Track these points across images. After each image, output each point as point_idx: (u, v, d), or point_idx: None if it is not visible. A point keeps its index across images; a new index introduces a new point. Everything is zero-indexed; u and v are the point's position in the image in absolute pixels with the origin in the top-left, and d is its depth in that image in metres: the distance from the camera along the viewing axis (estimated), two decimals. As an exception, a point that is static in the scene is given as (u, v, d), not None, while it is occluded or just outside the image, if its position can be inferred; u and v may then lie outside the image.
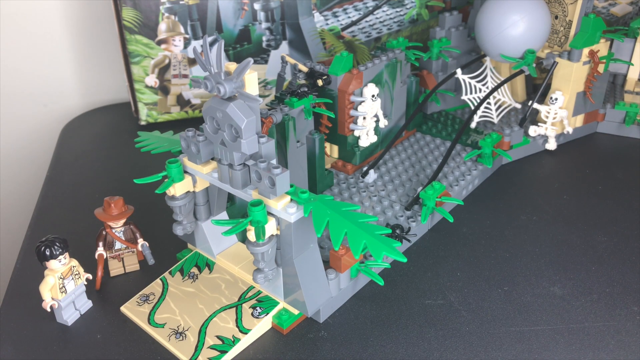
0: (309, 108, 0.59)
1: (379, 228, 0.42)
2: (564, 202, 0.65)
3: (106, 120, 0.90)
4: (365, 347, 0.47)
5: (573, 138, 0.77)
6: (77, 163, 0.78)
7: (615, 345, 0.47)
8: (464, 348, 0.47)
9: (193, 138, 0.48)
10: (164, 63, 0.79)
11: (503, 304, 0.51)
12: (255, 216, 0.43)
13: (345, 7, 0.84)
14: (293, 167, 0.59)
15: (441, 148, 0.73)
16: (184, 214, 0.52)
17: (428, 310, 0.51)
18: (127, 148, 0.77)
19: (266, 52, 0.83)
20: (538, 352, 0.47)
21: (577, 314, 0.50)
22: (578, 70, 0.72)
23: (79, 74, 0.93)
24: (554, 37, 0.76)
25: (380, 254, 0.40)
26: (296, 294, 0.48)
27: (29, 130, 0.94)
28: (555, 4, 0.74)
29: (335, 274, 0.50)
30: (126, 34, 0.76)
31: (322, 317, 0.50)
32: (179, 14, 0.77)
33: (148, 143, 0.57)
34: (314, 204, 0.43)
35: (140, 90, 0.80)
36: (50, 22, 0.88)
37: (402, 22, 0.88)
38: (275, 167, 0.43)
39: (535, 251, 0.58)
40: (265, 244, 0.45)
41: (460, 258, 0.57)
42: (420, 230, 0.60)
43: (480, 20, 0.71)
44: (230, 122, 0.42)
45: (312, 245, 0.48)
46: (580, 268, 0.55)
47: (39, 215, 0.66)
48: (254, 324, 0.48)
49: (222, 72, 0.42)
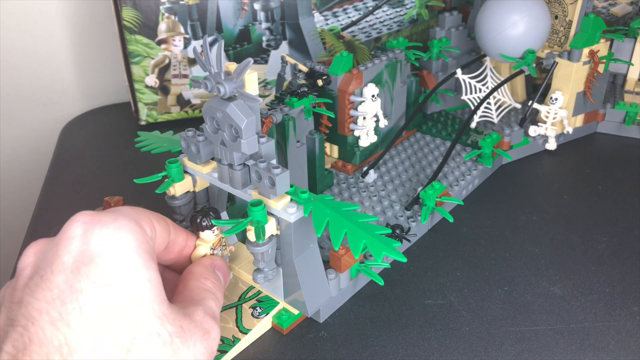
0: (309, 108, 0.59)
1: (379, 228, 0.42)
2: (564, 202, 0.65)
3: (106, 120, 0.90)
4: (365, 347, 0.47)
5: (573, 138, 0.77)
6: (77, 163, 0.78)
7: (615, 345, 0.47)
8: (464, 348, 0.47)
9: (193, 138, 0.48)
10: (164, 63, 0.79)
11: (503, 304, 0.51)
12: (255, 216, 0.43)
13: (345, 7, 0.84)
14: (293, 167, 0.59)
15: (441, 148, 0.73)
16: (184, 214, 0.52)
17: (428, 310, 0.51)
18: (127, 148, 0.77)
19: (266, 52, 0.83)
20: (538, 352, 0.47)
21: (577, 314, 0.50)
22: (578, 70, 0.72)
23: (79, 74, 0.93)
24: (554, 37, 0.76)
25: (380, 254, 0.40)
26: (296, 294, 0.48)
27: (29, 130, 0.94)
28: (555, 4, 0.74)
29: (335, 274, 0.50)
30: (126, 34, 0.76)
31: (322, 317, 0.50)
32: (179, 14, 0.77)
33: (148, 143, 0.57)
34: (314, 204, 0.43)
35: (140, 90, 0.80)
36: (50, 22, 0.88)
37: (402, 22, 0.88)
38: (275, 167, 0.43)
39: (535, 251, 0.58)
40: (265, 244, 0.45)
41: (460, 258, 0.57)
42: (420, 230, 0.60)
43: (480, 20, 0.71)
44: (230, 122, 0.42)
45: (312, 245, 0.48)
46: (580, 268, 0.55)
47: (39, 215, 0.66)
48: (254, 324, 0.48)
49: (222, 72, 0.41)
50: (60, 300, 0.34)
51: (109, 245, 0.36)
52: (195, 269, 0.45)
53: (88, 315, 0.34)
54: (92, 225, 0.36)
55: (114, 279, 0.35)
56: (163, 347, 0.35)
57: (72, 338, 0.33)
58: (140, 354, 0.34)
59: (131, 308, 0.35)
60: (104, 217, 0.37)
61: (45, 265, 0.35)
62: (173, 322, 0.36)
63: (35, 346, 0.32)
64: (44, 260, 0.36)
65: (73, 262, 0.35)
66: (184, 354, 0.36)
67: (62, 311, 0.33)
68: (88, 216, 0.37)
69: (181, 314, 0.38)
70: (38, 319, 0.33)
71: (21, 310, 0.34)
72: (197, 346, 0.37)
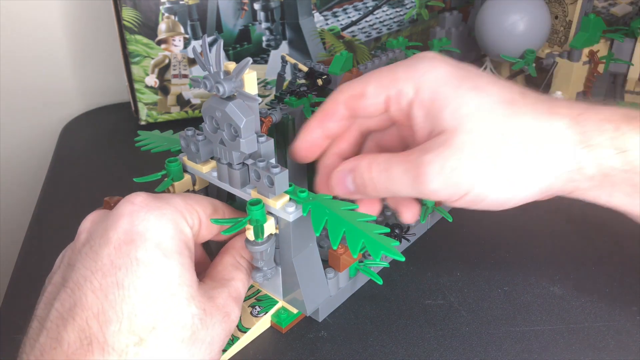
0: (309, 107, 0.59)
1: (377, 227, 0.42)
2: (564, 201, 0.65)
3: (106, 120, 0.90)
4: (364, 346, 0.47)
5: (573, 138, 0.77)
6: (77, 163, 0.78)
7: (615, 345, 0.47)
8: (464, 348, 0.47)
9: (192, 137, 0.48)
10: (164, 63, 0.79)
11: (503, 304, 0.51)
12: (254, 215, 0.43)
13: (345, 7, 0.84)
14: (292, 166, 0.59)
15: (441, 148, 0.73)
16: (183, 214, 0.52)
17: (428, 310, 0.51)
18: (127, 148, 0.77)
19: (266, 52, 0.83)
20: (538, 352, 0.47)
21: (577, 314, 0.50)
22: (578, 70, 0.71)
23: (79, 74, 0.93)
24: (554, 37, 0.76)
25: (378, 253, 0.40)
26: (295, 293, 0.48)
27: (29, 130, 0.94)
28: (555, 4, 0.74)
29: (334, 273, 0.50)
30: (126, 34, 0.76)
31: (321, 316, 0.50)
32: (179, 14, 0.77)
33: (148, 142, 0.57)
34: (312, 203, 0.43)
35: (140, 90, 0.80)
36: (50, 22, 0.89)
37: (402, 22, 0.88)
38: (274, 166, 0.43)
39: (535, 251, 0.57)
40: (264, 243, 0.45)
41: (460, 258, 0.57)
42: (420, 230, 0.60)
43: (481, 20, 0.71)
44: (230, 121, 0.42)
45: (311, 244, 0.48)
46: (580, 268, 0.55)
47: (39, 215, 0.67)
48: (252, 323, 0.48)
49: (221, 71, 0.41)
50: (102, 272, 0.37)
51: (150, 230, 0.39)
52: (237, 243, 0.47)
53: (123, 290, 0.37)
54: (140, 208, 0.40)
55: (149, 261, 0.38)
56: (183, 328, 0.38)
57: (107, 308, 0.36)
58: (164, 332, 0.37)
59: (161, 288, 0.38)
60: (153, 202, 0.41)
61: (96, 236, 0.39)
62: (198, 304, 0.39)
63: (78, 309, 0.36)
64: (96, 232, 0.40)
65: (117, 239, 0.38)
66: (202, 334, 0.39)
67: (103, 282, 0.37)
68: (140, 197, 0.41)
69: (206, 296, 0.41)
70: (83, 285, 0.37)
71: (72, 274, 0.38)
72: (215, 328, 0.40)
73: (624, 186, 0.39)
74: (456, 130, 0.39)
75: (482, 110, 0.39)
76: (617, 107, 0.41)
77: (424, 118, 0.42)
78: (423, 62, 0.43)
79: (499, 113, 0.39)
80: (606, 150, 0.38)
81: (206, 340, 0.39)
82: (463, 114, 0.39)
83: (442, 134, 0.40)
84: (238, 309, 0.43)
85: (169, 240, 0.40)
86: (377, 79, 0.44)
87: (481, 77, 0.42)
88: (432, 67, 0.42)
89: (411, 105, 0.42)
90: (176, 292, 0.38)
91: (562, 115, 0.39)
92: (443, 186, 0.39)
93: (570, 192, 0.41)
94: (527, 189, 0.40)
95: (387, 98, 0.43)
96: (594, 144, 0.38)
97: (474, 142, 0.39)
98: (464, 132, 0.39)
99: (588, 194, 0.41)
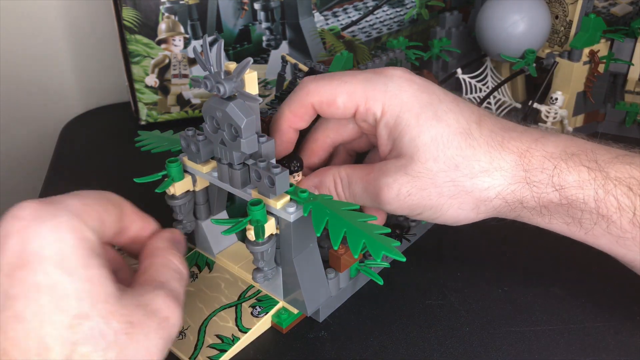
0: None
1: (378, 227, 0.42)
2: (564, 202, 0.65)
3: (106, 120, 0.90)
4: (365, 346, 0.47)
5: (573, 138, 0.77)
6: (77, 163, 0.78)
7: (615, 345, 0.47)
8: (464, 348, 0.47)
9: (193, 137, 0.48)
10: (164, 63, 0.79)
11: (503, 304, 0.51)
12: (255, 215, 0.43)
13: (345, 7, 0.84)
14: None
15: (441, 148, 0.73)
16: (184, 213, 0.52)
17: (428, 310, 0.51)
18: (127, 148, 0.77)
19: (266, 52, 0.83)
20: (538, 352, 0.47)
21: (577, 314, 0.50)
22: (578, 70, 0.72)
23: (78, 74, 0.93)
24: (554, 37, 0.76)
25: (379, 254, 0.40)
26: (295, 293, 0.48)
27: (29, 130, 0.94)
28: (555, 4, 0.74)
29: (335, 274, 0.50)
30: (126, 34, 0.76)
31: (321, 316, 0.50)
32: (179, 13, 0.77)
33: (148, 142, 0.57)
34: (313, 204, 0.43)
35: (140, 90, 0.80)
36: (50, 22, 0.88)
37: (402, 22, 0.88)
38: (275, 166, 0.43)
39: (535, 251, 0.57)
40: (265, 243, 0.45)
41: (460, 258, 0.57)
42: (420, 230, 0.60)
43: (481, 20, 0.71)
44: (230, 121, 0.42)
45: (311, 244, 0.48)
46: (580, 268, 0.55)
47: (39, 215, 0.66)
48: (253, 323, 0.48)
49: (221, 71, 0.41)
50: None
51: (45, 247, 0.33)
52: (159, 243, 0.43)
53: (25, 324, 0.32)
54: (29, 222, 0.34)
55: (50, 284, 0.33)
56: (107, 348, 0.33)
57: (9, 348, 0.31)
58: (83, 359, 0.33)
59: (71, 312, 0.33)
60: (44, 210, 0.35)
61: None
62: (121, 318, 0.34)
63: None
64: None
65: (7, 264, 0.33)
66: (131, 350, 0.34)
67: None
68: (27, 210, 0.35)
69: (134, 305, 0.36)
70: None
71: None
72: (150, 337, 0.35)
73: (562, 216, 0.45)
74: (413, 158, 0.44)
75: (438, 142, 0.44)
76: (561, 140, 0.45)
77: (387, 138, 0.46)
78: (392, 81, 0.46)
79: (453, 145, 0.44)
80: (545, 187, 0.44)
81: (139, 353, 0.34)
82: (420, 144, 0.44)
83: (401, 157, 0.45)
84: (178, 310, 0.38)
85: (71, 254, 0.34)
86: (348, 91, 0.46)
87: (442, 102, 0.45)
88: (400, 89, 0.45)
89: (377, 124, 0.46)
90: (90, 313, 0.33)
91: (510, 151, 0.44)
92: (399, 208, 0.45)
93: (514, 217, 0.47)
94: (471, 217, 0.46)
95: (357, 111, 0.46)
96: (536, 181, 0.44)
97: (427, 173, 0.44)
98: (419, 161, 0.44)
99: (531, 219, 0.47)
